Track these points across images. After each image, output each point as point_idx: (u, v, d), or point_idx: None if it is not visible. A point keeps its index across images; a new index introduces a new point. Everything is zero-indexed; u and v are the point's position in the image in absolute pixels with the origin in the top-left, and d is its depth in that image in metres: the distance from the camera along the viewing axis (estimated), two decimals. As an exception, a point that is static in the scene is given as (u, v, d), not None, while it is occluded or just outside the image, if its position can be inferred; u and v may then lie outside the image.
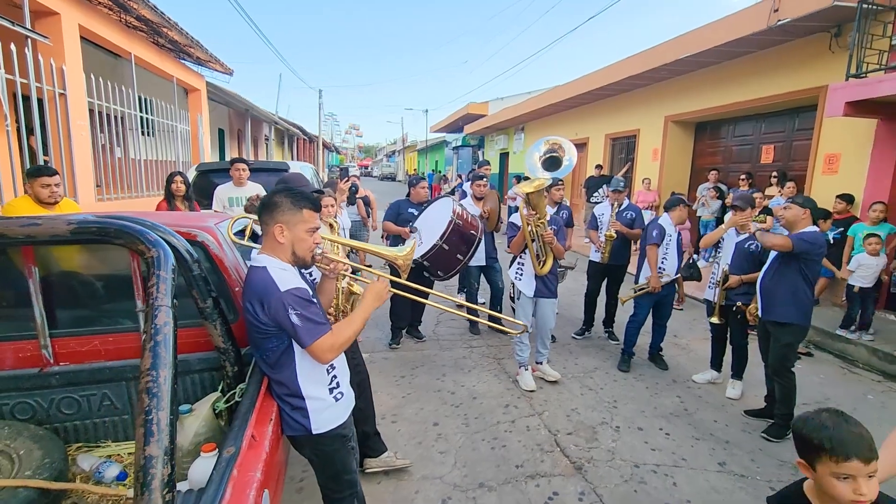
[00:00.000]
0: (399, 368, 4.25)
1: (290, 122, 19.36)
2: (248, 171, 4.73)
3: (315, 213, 1.72)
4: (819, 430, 1.15)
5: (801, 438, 1.20)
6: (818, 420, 1.18)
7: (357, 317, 1.78)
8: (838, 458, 1.11)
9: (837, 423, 1.15)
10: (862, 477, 1.10)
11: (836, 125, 6.25)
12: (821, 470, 1.15)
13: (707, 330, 4.18)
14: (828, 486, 1.14)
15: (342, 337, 1.69)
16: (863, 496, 1.09)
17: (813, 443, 1.16)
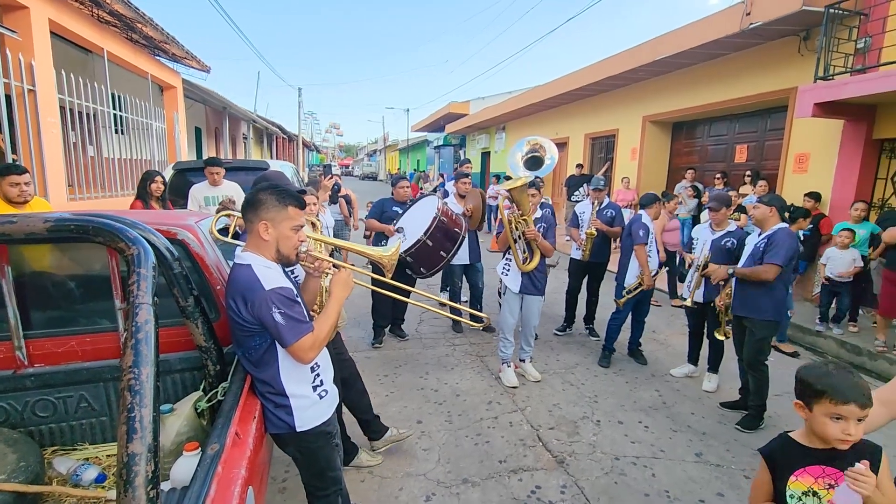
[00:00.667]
0: (382, 367, 4.24)
1: (268, 121, 19.11)
2: (224, 172, 4.65)
3: (300, 211, 1.72)
4: (824, 377, 1.26)
5: (805, 383, 1.30)
6: (824, 368, 1.29)
7: (330, 310, 1.77)
8: (837, 401, 1.21)
9: (841, 373, 1.26)
10: (853, 420, 1.21)
11: (805, 126, 6.47)
12: (817, 410, 1.26)
13: (684, 325, 4.29)
14: (820, 424, 1.25)
15: (321, 334, 1.69)
16: (850, 436, 1.20)
17: (816, 387, 1.26)
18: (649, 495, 2.65)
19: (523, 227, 3.67)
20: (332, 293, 1.83)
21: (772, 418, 3.44)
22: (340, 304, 1.82)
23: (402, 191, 4.66)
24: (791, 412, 3.59)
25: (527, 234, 3.67)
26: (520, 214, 3.66)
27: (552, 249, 3.86)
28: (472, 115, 18.97)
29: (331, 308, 1.78)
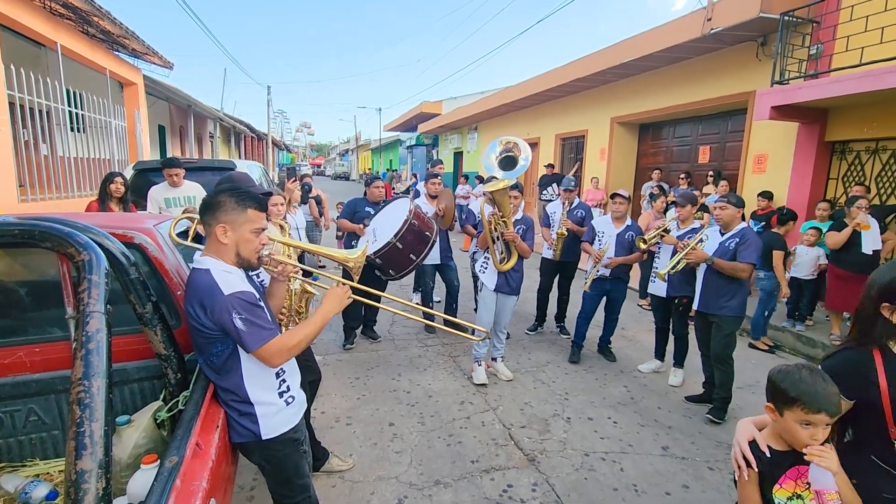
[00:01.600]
0: (353, 370, 4.20)
1: (236, 119, 18.65)
2: (184, 173, 4.49)
3: (261, 213, 1.67)
4: (798, 384, 1.24)
5: (778, 388, 1.28)
6: (798, 374, 1.26)
7: (314, 321, 1.74)
8: (809, 410, 1.20)
9: (815, 380, 1.24)
10: (821, 426, 1.22)
11: (763, 128, 6.73)
12: (788, 416, 1.25)
13: (652, 322, 4.39)
14: (790, 430, 1.25)
15: (293, 340, 1.65)
16: (817, 441, 1.22)
17: (789, 394, 1.24)
18: (618, 489, 2.70)
19: (502, 229, 3.71)
20: (323, 305, 1.80)
21: (734, 410, 3.56)
22: (328, 317, 1.79)
23: (377, 191, 4.62)
24: (753, 403, 3.74)
25: (505, 235, 3.71)
26: (500, 216, 3.69)
27: (530, 251, 3.90)
28: (445, 114, 18.98)
29: (315, 319, 1.75)
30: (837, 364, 1.34)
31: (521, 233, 3.82)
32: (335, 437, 3.15)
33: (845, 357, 1.34)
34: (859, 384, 1.29)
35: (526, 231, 3.89)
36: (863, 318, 1.37)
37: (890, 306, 1.30)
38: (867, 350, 1.32)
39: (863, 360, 1.31)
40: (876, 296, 1.33)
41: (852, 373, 1.30)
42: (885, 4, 4.76)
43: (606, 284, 4.39)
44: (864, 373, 1.29)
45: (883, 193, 5.73)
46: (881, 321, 1.32)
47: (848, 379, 1.30)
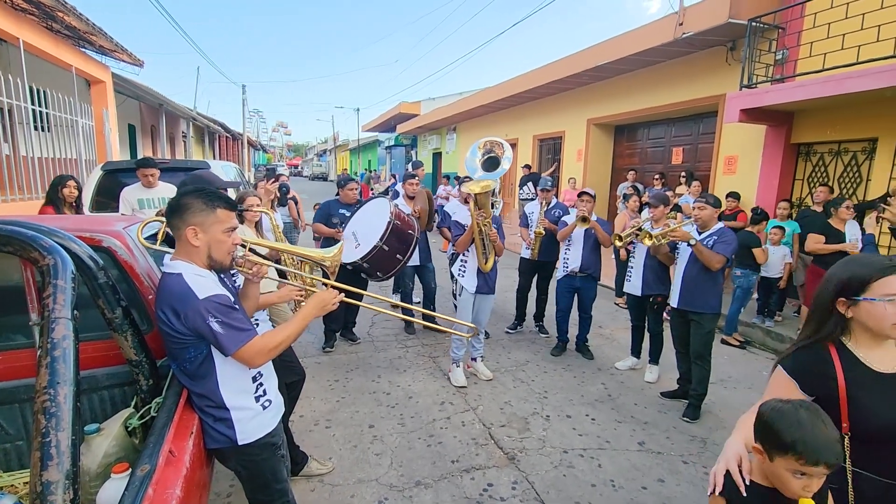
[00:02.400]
0: (333, 372, 4.16)
1: (210, 119, 18.26)
2: (159, 173, 4.37)
3: (231, 213, 1.64)
4: (795, 429, 1.09)
5: (772, 430, 1.14)
6: (795, 417, 1.11)
7: (294, 322, 1.72)
8: (807, 462, 1.07)
9: (815, 424, 1.09)
10: (817, 477, 1.10)
11: (733, 130, 6.94)
12: (779, 462, 1.12)
13: (628, 320, 4.47)
14: (781, 477, 1.13)
15: (274, 341, 1.63)
16: (810, 492, 1.11)
17: (784, 440, 1.10)
18: (596, 485, 2.75)
19: (487, 230, 3.74)
20: (305, 308, 1.78)
21: (707, 405, 3.65)
22: (309, 319, 1.77)
23: (351, 193, 4.58)
24: (725, 398, 3.84)
25: (491, 235, 3.75)
26: (484, 217, 3.71)
27: (503, 249, 3.93)
28: (423, 115, 18.98)
29: (295, 320, 1.73)
30: (796, 361, 1.35)
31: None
32: (314, 440, 3.11)
33: (803, 354, 1.36)
34: (819, 380, 1.31)
35: (498, 229, 3.93)
36: (819, 313, 1.39)
37: (846, 301, 1.32)
38: (823, 345, 1.35)
39: (820, 355, 1.34)
40: (833, 291, 1.35)
41: (812, 368, 1.33)
42: (846, 12, 4.96)
43: (577, 282, 4.47)
44: (823, 368, 1.31)
45: (845, 193, 5.96)
46: (836, 316, 1.35)
47: (808, 375, 1.33)
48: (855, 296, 1.30)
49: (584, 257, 4.40)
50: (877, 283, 1.28)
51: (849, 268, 1.35)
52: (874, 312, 1.28)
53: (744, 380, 4.25)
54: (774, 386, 1.40)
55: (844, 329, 1.36)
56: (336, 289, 1.92)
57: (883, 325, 1.27)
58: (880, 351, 1.33)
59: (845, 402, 1.27)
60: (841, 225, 4.55)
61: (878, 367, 1.31)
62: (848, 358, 1.32)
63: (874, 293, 1.27)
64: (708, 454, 3.08)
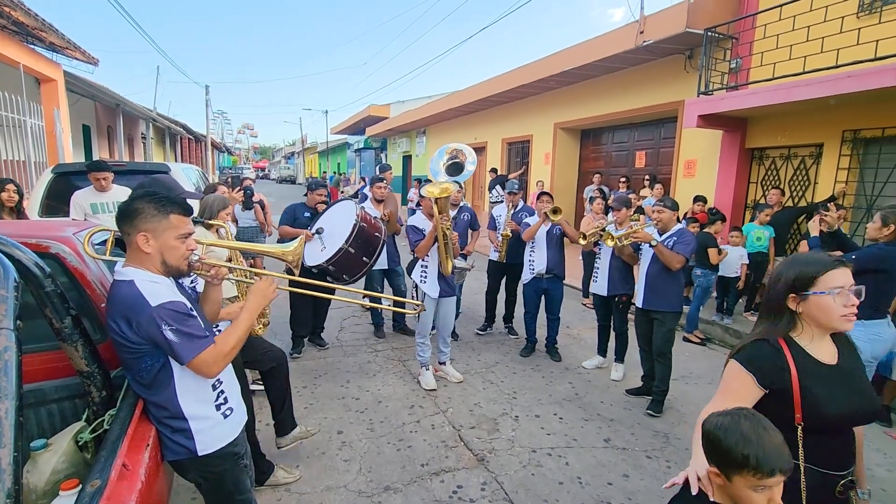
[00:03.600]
0: (300, 378, 4.08)
1: (171, 120, 17.68)
2: (112, 176, 4.19)
3: (185, 218, 1.59)
4: (743, 444, 1.08)
5: (721, 449, 1.11)
6: (739, 431, 1.10)
7: (241, 321, 1.67)
8: (762, 475, 1.06)
9: (760, 435, 1.08)
10: (777, 486, 1.09)
11: (692, 135, 7.20)
12: (738, 482, 1.10)
13: (595, 320, 4.57)
14: (744, 496, 1.10)
15: (227, 345, 1.59)
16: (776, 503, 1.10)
17: (735, 458, 1.08)
18: (563, 483, 2.79)
19: (450, 233, 3.74)
20: (247, 303, 1.72)
21: (669, 401, 3.76)
22: (254, 315, 1.72)
23: (318, 197, 4.52)
24: (685, 393, 3.97)
25: (452, 238, 3.76)
26: (446, 221, 3.72)
27: (458, 251, 3.97)
28: (393, 118, 18.93)
29: (242, 319, 1.67)
30: (753, 355, 1.41)
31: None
32: (281, 449, 3.04)
33: (758, 348, 1.42)
34: (774, 373, 1.37)
35: (466, 230, 3.95)
36: (770, 309, 1.46)
37: (796, 297, 1.39)
38: (775, 340, 1.42)
39: (774, 349, 1.40)
40: (784, 288, 1.42)
41: (767, 362, 1.39)
42: (793, 25, 5.24)
43: (543, 284, 4.54)
44: (778, 361, 1.37)
45: (795, 195, 6.28)
46: (787, 312, 1.43)
47: (766, 368, 1.38)
48: (804, 291, 1.37)
49: (549, 258, 4.47)
50: (823, 277, 1.35)
51: (796, 266, 1.42)
52: (823, 305, 1.35)
53: (704, 375, 4.40)
54: (731, 379, 1.45)
55: (792, 324, 1.43)
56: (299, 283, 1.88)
57: (832, 316, 1.35)
58: (822, 344, 1.42)
59: (798, 393, 1.33)
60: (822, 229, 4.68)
61: (822, 359, 1.39)
62: (797, 351, 1.39)
63: (822, 287, 1.35)
64: (671, 448, 3.18)
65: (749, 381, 1.40)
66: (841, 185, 5.63)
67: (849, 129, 5.54)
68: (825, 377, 1.36)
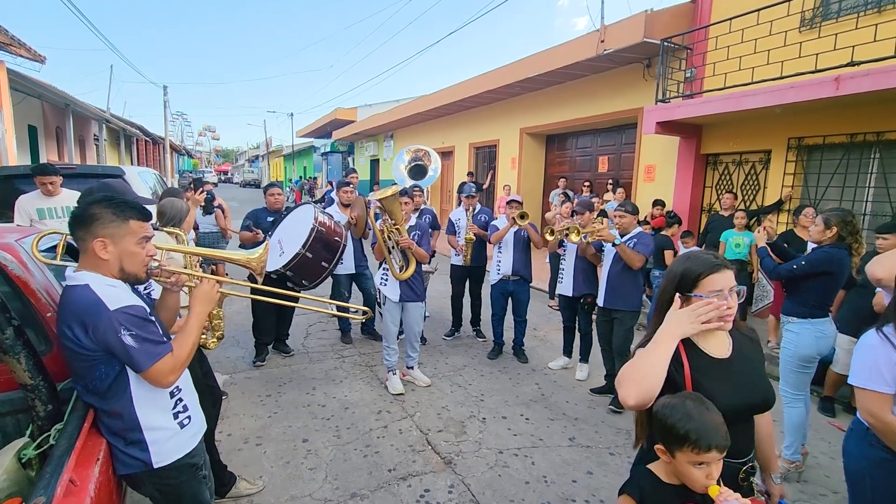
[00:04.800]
0: (264, 387, 3.99)
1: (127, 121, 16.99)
2: (61, 180, 3.99)
3: (144, 223, 1.54)
4: (685, 421, 1.18)
5: (666, 427, 1.22)
6: (683, 409, 1.20)
7: (190, 327, 1.63)
8: (700, 450, 1.16)
9: (700, 412, 1.19)
10: (715, 463, 1.18)
11: (651, 141, 7.46)
12: (680, 457, 1.20)
13: (561, 321, 4.66)
14: (685, 472, 1.20)
15: (183, 352, 1.55)
16: (713, 480, 1.18)
17: (678, 433, 1.18)
18: (529, 482, 2.83)
19: (396, 237, 3.72)
20: (192, 308, 1.68)
21: (631, 399, 3.86)
22: (202, 319, 1.68)
23: (272, 199, 4.44)
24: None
25: (400, 242, 3.72)
26: (392, 223, 3.70)
27: (427, 256, 3.93)
28: (360, 122, 18.79)
29: (191, 324, 1.64)
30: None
31: (416, 238, 3.85)
32: (243, 459, 2.97)
33: None
34: (672, 366, 1.37)
35: (422, 236, 3.92)
36: (662, 307, 1.47)
37: (681, 296, 1.41)
38: None
39: None
40: (671, 286, 1.44)
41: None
42: (742, 37, 5.51)
43: (510, 286, 4.61)
44: (674, 356, 1.38)
45: (747, 199, 6.59)
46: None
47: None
48: (688, 292, 1.40)
49: (515, 260, 4.54)
50: (705, 279, 1.37)
51: (684, 264, 1.43)
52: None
53: (664, 373, 4.54)
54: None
55: None
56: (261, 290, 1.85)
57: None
58: (715, 339, 1.45)
59: (690, 389, 1.35)
60: (804, 233, 4.66)
61: (715, 354, 1.42)
62: (690, 347, 1.42)
63: (702, 290, 1.37)
64: (632, 445, 3.26)
65: None
66: (787, 189, 5.96)
67: (794, 136, 5.87)
68: (716, 371, 1.39)
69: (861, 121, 5.22)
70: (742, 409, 1.40)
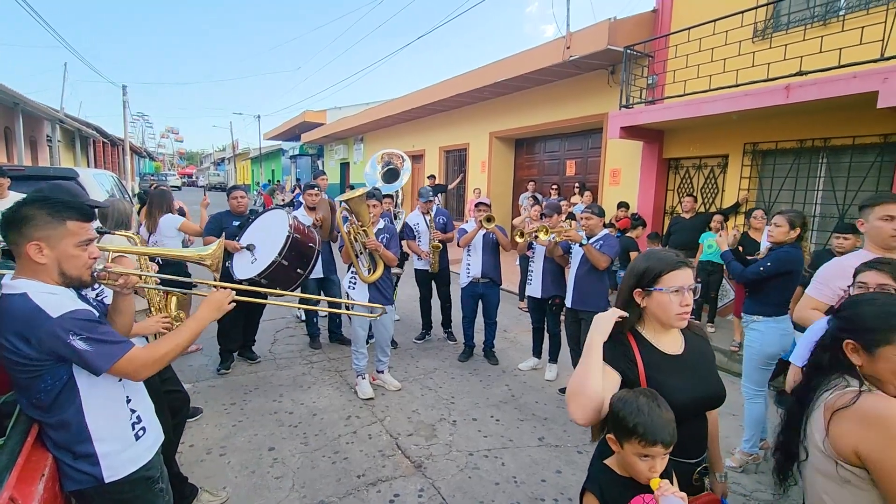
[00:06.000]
0: (229, 395, 3.87)
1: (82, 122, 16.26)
2: (9, 182, 3.80)
3: (85, 224, 1.47)
4: (635, 415, 1.23)
5: (618, 418, 1.27)
6: (635, 403, 1.25)
7: (187, 328, 1.59)
8: (646, 443, 1.21)
9: (651, 408, 1.24)
10: (659, 457, 1.24)
11: (616, 145, 7.65)
12: (627, 448, 1.25)
13: (531, 323, 4.71)
14: (630, 462, 1.26)
15: (160, 350, 1.50)
16: (656, 473, 1.23)
17: (627, 425, 1.24)
18: (499, 483, 2.84)
19: (363, 239, 3.68)
20: (199, 311, 1.66)
21: (598, 397, 3.94)
22: (202, 325, 1.65)
23: (234, 202, 4.33)
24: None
25: (367, 244, 3.69)
26: (359, 225, 3.67)
27: (395, 259, 3.89)
28: (329, 124, 18.56)
29: (190, 325, 1.61)
30: (607, 348, 1.44)
31: (384, 241, 3.82)
32: (206, 470, 2.87)
33: (611, 341, 1.45)
34: (626, 364, 1.43)
35: (390, 239, 3.90)
36: (622, 302, 1.53)
37: (641, 292, 1.47)
38: (624, 333, 1.49)
39: (622, 341, 1.47)
40: (631, 282, 1.50)
41: (620, 354, 1.45)
42: (700, 46, 5.73)
43: (479, 289, 4.64)
44: (627, 353, 1.45)
45: (706, 202, 6.83)
46: (635, 306, 1.50)
47: (618, 360, 1.44)
48: (649, 287, 1.45)
49: (484, 263, 4.57)
50: (667, 275, 1.42)
51: (647, 261, 1.49)
52: (663, 302, 1.42)
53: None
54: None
55: (639, 318, 1.51)
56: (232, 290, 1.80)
57: (669, 313, 1.42)
58: (668, 336, 1.50)
59: (644, 384, 1.40)
60: (757, 234, 4.93)
61: (667, 350, 1.48)
62: (643, 344, 1.47)
63: (664, 285, 1.43)
64: (599, 442, 3.32)
65: (609, 369, 1.42)
66: (744, 192, 6.21)
67: (749, 141, 6.13)
68: (670, 367, 1.44)
69: (810, 128, 5.50)
70: (695, 404, 1.44)
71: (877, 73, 4.14)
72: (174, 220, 4.39)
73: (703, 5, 6.22)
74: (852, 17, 5.00)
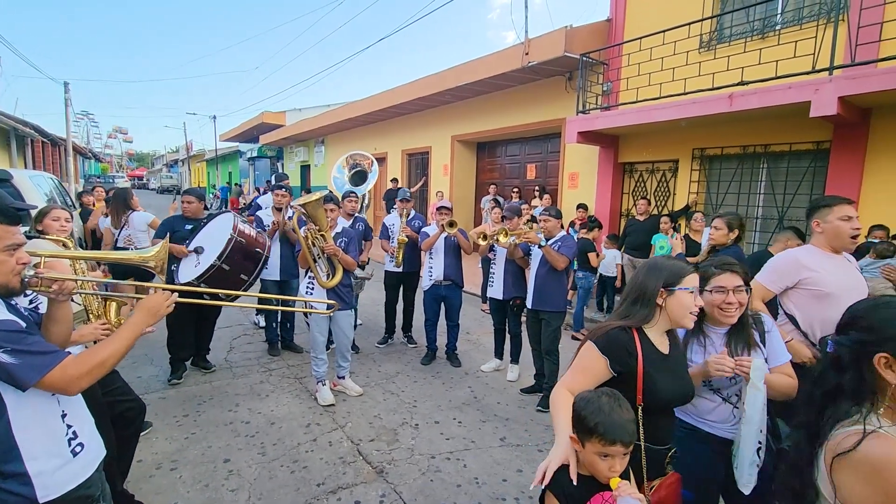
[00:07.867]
0: (181, 406, 3.71)
1: (18, 120, 15.23)
2: None
3: (10, 228, 1.37)
4: (596, 414, 1.27)
5: (580, 417, 1.31)
6: (597, 403, 1.30)
7: (121, 336, 1.50)
8: (605, 442, 1.25)
9: (612, 409, 1.28)
10: (619, 457, 1.27)
11: (574, 150, 7.86)
12: (588, 447, 1.29)
13: (493, 325, 4.75)
14: (591, 461, 1.29)
15: (97, 357, 1.41)
16: (615, 472, 1.27)
17: (588, 424, 1.28)
18: (461, 485, 2.85)
19: (321, 243, 3.62)
20: (134, 316, 1.55)
21: (558, 396, 4.02)
22: (138, 330, 1.55)
23: (187, 206, 4.18)
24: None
25: (325, 249, 3.63)
26: (317, 230, 3.60)
27: (354, 264, 3.85)
28: (289, 126, 18.17)
29: (124, 332, 1.51)
30: (610, 341, 1.56)
31: (342, 245, 3.77)
32: (155, 486, 2.74)
33: (616, 336, 1.57)
34: (625, 358, 1.54)
35: (348, 243, 3.85)
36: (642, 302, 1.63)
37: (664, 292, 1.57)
38: (630, 329, 1.59)
39: (628, 336, 1.58)
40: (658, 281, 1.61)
41: (621, 349, 1.55)
42: (650, 55, 5.98)
43: (442, 291, 4.66)
44: (630, 348, 1.55)
45: (659, 205, 7.11)
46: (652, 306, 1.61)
47: (619, 353, 1.55)
48: (672, 286, 1.57)
49: (447, 266, 4.59)
50: (687, 278, 1.58)
51: (671, 264, 1.63)
52: (684, 301, 1.56)
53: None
54: (585, 359, 1.59)
55: (650, 317, 1.61)
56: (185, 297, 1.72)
57: (685, 311, 1.56)
58: (662, 338, 1.65)
59: (641, 378, 1.52)
60: (697, 236, 5.26)
61: (660, 349, 1.62)
62: (645, 341, 1.59)
63: (687, 285, 1.57)
64: (559, 440, 3.39)
65: (602, 364, 1.55)
66: (693, 195, 6.51)
67: (697, 147, 6.44)
68: (661, 365, 1.57)
69: (752, 134, 5.84)
70: (676, 401, 1.61)
71: (809, 85, 4.44)
72: (145, 217, 4.73)
73: (653, 16, 6.50)
74: (787, 32, 5.34)
